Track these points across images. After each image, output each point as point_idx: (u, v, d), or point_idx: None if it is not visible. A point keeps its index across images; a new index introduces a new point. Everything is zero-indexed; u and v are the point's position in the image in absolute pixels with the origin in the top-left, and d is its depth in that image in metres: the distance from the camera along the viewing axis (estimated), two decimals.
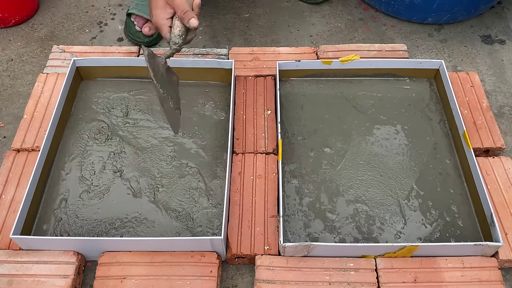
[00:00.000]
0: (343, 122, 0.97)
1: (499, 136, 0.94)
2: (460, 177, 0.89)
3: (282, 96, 1.01)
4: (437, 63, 1.01)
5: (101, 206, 0.85)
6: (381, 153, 0.92)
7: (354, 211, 0.85)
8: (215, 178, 0.88)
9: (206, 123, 0.96)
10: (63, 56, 1.08)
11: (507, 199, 0.85)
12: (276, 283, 0.75)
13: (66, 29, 1.23)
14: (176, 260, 0.77)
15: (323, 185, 0.88)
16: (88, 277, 0.80)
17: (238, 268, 0.82)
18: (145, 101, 1.00)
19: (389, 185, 0.88)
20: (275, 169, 0.89)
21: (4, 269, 0.76)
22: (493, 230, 0.78)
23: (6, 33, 1.22)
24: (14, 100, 1.07)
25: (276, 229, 0.81)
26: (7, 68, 1.14)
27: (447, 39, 1.21)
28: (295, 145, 0.94)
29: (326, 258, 0.78)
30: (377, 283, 0.76)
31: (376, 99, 1.01)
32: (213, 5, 1.30)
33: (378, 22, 1.26)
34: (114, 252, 0.78)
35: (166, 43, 0.81)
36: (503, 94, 1.09)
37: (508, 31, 1.23)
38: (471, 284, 0.75)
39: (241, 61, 1.06)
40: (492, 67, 1.15)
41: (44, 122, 0.95)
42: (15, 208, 0.83)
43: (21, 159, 0.90)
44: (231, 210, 0.84)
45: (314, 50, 1.09)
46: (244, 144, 0.93)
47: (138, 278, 0.76)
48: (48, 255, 0.78)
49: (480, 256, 0.78)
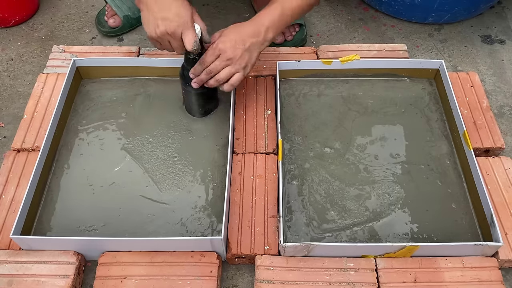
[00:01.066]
0: (343, 122, 0.97)
1: (499, 136, 0.94)
2: (460, 177, 0.89)
3: (282, 96, 1.01)
4: (437, 63, 1.01)
5: (101, 206, 0.85)
6: (381, 153, 0.92)
7: (354, 211, 0.84)
8: (215, 178, 0.88)
9: (206, 123, 0.96)
10: (63, 56, 1.08)
11: (507, 199, 0.85)
12: (276, 283, 0.75)
13: (66, 29, 1.23)
14: (176, 260, 0.77)
15: (323, 185, 0.88)
16: (88, 277, 0.80)
17: (238, 268, 0.82)
18: (145, 101, 1.00)
19: (389, 185, 0.88)
20: (275, 169, 0.89)
21: (4, 269, 0.76)
22: (493, 230, 0.78)
23: (6, 33, 1.22)
24: (14, 100, 1.07)
25: (276, 229, 0.81)
26: (7, 68, 1.14)
27: (447, 39, 1.21)
28: (295, 145, 0.94)
29: (326, 258, 0.78)
30: (377, 283, 0.76)
31: (376, 99, 1.01)
32: (213, 5, 1.30)
33: (378, 22, 1.26)
34: (114, 252, 0.78)
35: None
36: (503, 94, 1.09)
37: (508, 31, 1.23)
38: (471, 284, 0.75)
39: None
40: (492, 67, 1.15)
41: (44, 122, 0.95)
42: (15, 208, 0.83)
43: (21, 159, 0.90)
44: (231, 210, 0.84)
45: (314, 50, 1.09)
46: (244, 144, 0.93)
47: (138, 278, 0.76)
48: (48, 255, 0.78)
49: (480, 256, 0.78)
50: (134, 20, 1.21)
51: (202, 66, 0.84)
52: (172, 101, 1.00)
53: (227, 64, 0.82)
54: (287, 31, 1.14)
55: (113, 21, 1.18)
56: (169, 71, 1.01)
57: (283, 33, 1.15)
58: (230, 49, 0.81)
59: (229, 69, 0.83)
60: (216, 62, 0.82)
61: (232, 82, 0.84)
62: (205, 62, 0.83)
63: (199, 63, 0.84)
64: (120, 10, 1.17)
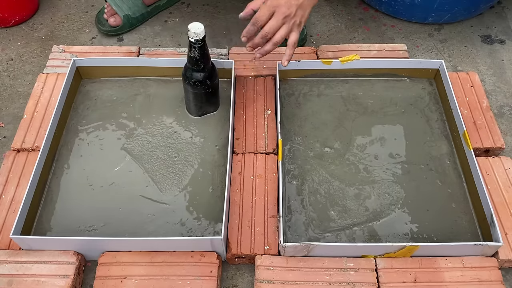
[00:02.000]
0: (343, 122, 0.97)
1: (499, 136, 0.94)
2: (460, 177, 0.89)
3: (282, 96, 1.01)
4: (437, 63, 1.01)
5: (101, 206, 0.85)
6: (381, 153, 0.92)
7: (354, 211, 0.84)
8: (215, 178, 0.88)
9: (206, 123, 0.96)
10: (63, 56, 1.08)
11: (507, 199, 0.85)
12: (276, 283, 0.75)
13: (66, 29, 1.23)
14: (176, 260, 0.77)
15: (323, 185, 0.88)
16: (88, 277, 0.80)
17: (238, 268, 0.82)
18: (145, 101, 1.00)
19: (389, 185, 0.88)
20: (275, 169, 0.89)
21: (4, 269, 0.76)
22: (493, 230, 0.78)
23: (6, 33, 1.22)
24: (14, 100, 1.07)
25: (276, 229, 0.81)
26: (7, 68, 1.14)
27: (447, 39, 1.21)
28: (295, 145, 0.94)
29: (326, 258, 0.78)
30: (377, 283, 0.76)
31: (376, 99, 1.01)
32: (213, 5, 1.30)
33: (378, 22, 1.26)
34: (114, 252, 0.78)
35: None
36: (503, 94, 1.09)
37: (508, 31, 1.23)
38: (471, 284, 0.75)
39: (241, 61, 1.06)
40: (492, 67, 1.15)
41: (44, 122, 0.95)
42: (15, 208, 0.83)
43: (21, 159, 0.90)
44: (231, 210, 0.84)
45: (314, 50, 1.09)
46: (244, 144, 0.93)
47: (138, 278, 0.76)
48: (48, 255, 0.78)
49: (480, 256, 0.78)
50: (134, 20, 1.21)
51: (255, 27, 0.76)
52: (172, 101, 1.00)
53: (283, 23, 0.76)
54: None
55: (113, 20, 1.18)
56: (169, 71, 1.01)
57: None
58: (285, 5, 0.75)
59: (285, 28, 0.76)
60: (271, 22, 0.75)
61: (292, 44, 0.77)
62: (258, 20, 0.76)
63: (251, 23, 0.77)
64: (120, 10, 1.17)
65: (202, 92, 0.90)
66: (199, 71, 0.86)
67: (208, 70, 0.87)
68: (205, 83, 0.88)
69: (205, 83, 0.88)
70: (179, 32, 1.23)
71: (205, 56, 0.84)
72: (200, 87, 0.88)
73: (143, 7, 1.21)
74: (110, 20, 1.18)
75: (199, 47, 0.82)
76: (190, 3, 1.30)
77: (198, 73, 0.87)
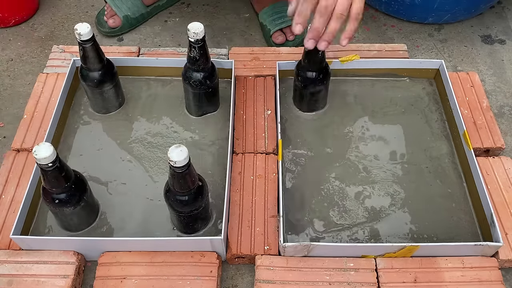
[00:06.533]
0: (343, 122, 0.97)
1: (499, 136, 0.94)
2: (460, 177, 0.89)
3: (282, 96, 1.01)
4: (437, 63, 1.01)
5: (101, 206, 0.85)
6: (381, 153, 0.92)
7: (354, 211, 0.84)
8: (215, 178, 0.88)
9: (206, 123, 0.96)
10: (63, 56, 1.08)
11: (507, 199, 0.85)
12: (276, 283, 0.75)
13: (66, 29, 1.23)
14: (176, 260, 0.77)
15: (323, 185, 0.88)
16: (88, 277, 0.80)
17: (238, 268, 0.82)
18: (144, 101, 1.00)
19: (389, 185, 0.88)
20: (275, 169, 0.89)
21: (4, 269, 0.76)
22: (493, 230, 0.78)
23: (6, 33, 1.22)
24: (14, 100, 1.07)
25: (276, 229, 0.81)
26: (7, 68, 1.14)
27: (447, 39, 1.21)
28: (295, 145, 0.94)
29: (326, 258, 0.78)
30: (377, 283, 0.76)
31: (376, 99, 1.01)
32: (213, 5, 1.30)
33: (378, 22, 1.26)
34: (114, 252, 0.78)
35: None
36: (503, 94, 1.09)
37: (508, 31, 1.23)
38: (471, 284, 0.75)
39: (241, 61, 1.06)
40: (492, 67, 1.15)
41: (44, 122, 0.95)
42: (15, 208, 0.83)
43: (21, 159, 0.90)
44: (231, 210, 0.84)
45: None
46: (244, 144, 0.93)
47: (138, 278, 0.76)
48: (48, 255, 0.78)
49: (480, 256, 0.78)
50: (134, 20, 1.21)
51: (309, 3, 0.63)
52: (172, 101, 1.00)
53: None
54: (288, 31, 1.14)
55: (112, 21, 1.18)
56: (169, 71, 1.01)
57: (284, 33, 1.15)
58: None
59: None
60: None
61: (355, 15, 0.64)
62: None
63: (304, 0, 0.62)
64: (120, 10, 1.17)
65: (202, 92, 0.90)
66: (199, 71, 0.87)
67: (208, 70, 0.87)
68: (205, 83, 0.88)
69: (205, 83, 0.88)
70: (179, 32, 1.23)
71: (205, 56, 0.85)
72: (200, 87, 0.89)
73: (143, 7, 1.21)
74: (109, 21, 1.19)
75: (199, 47, 0.82)
76: (190, 3, 1.30)
77: (198, 73, 0.87)
